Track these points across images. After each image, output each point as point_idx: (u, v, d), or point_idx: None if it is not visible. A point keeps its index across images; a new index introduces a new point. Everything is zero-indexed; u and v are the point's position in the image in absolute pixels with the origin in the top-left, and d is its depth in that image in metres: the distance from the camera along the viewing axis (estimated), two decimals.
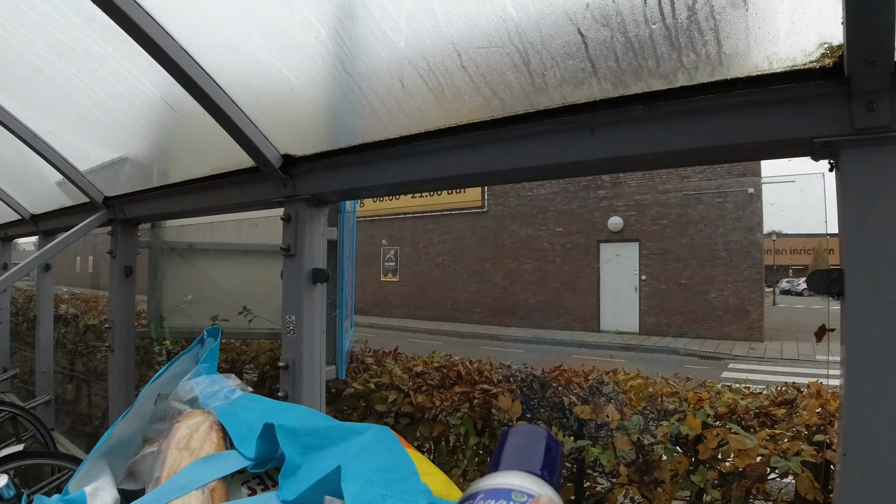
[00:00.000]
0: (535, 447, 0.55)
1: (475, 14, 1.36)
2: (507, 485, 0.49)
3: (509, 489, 0.48)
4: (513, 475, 0.51)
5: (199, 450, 1.12)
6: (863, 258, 1.14)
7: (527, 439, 0.56)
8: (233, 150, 2.09)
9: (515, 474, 0.51)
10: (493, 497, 0.47)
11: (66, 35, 2.07)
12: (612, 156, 1.41)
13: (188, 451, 1.11)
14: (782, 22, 1.16)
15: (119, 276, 3.24)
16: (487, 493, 0.48)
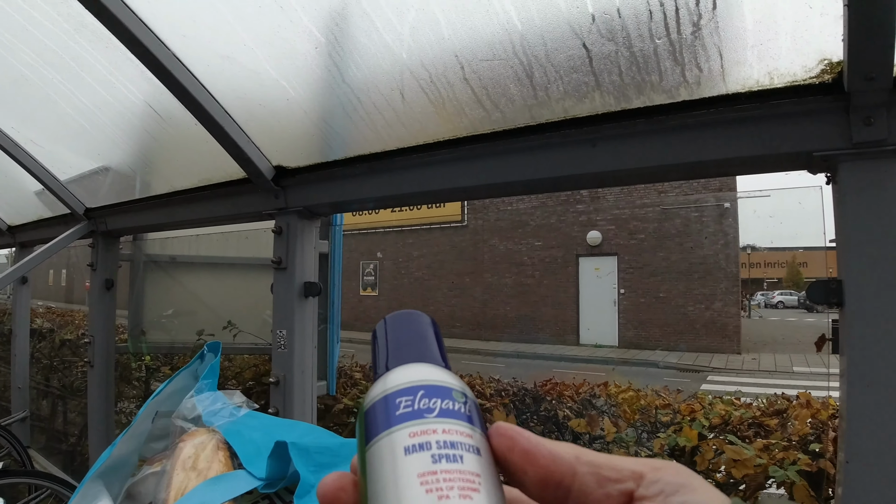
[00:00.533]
0: (429, 334, 0.49)
1: (480, 26, 1.36)
2: (442, 381, 0.43)
3: (448, 387, 0.43)
4: (431, 369, 0.45)
5: (206, 470, 1.09)
6: (861, 269, 1.15)
7: (417, 325, 0.50)
8: (223, 160, 2.06)
9: (432, 368, 0.45)
10: (435, 395, 0.41)
11: (53, 41, 2.04)
12: (613, 169, 1.42)
13: (195, 472, 1.08)
14: (784, 39, 1.18)
15: (99, 289, 3.18)
16: (427, 389, 0.42)
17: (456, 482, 0.36)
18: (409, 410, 0.40)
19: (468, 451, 0.38)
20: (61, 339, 6.03)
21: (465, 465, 0.37)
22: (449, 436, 0.39)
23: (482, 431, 0.42)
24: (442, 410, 0.40)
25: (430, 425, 0.39)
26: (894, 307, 1.12)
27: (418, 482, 0.36)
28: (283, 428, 1.24)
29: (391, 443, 0.39)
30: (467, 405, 0.42)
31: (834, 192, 1.24)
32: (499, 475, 0.39)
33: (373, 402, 0.43)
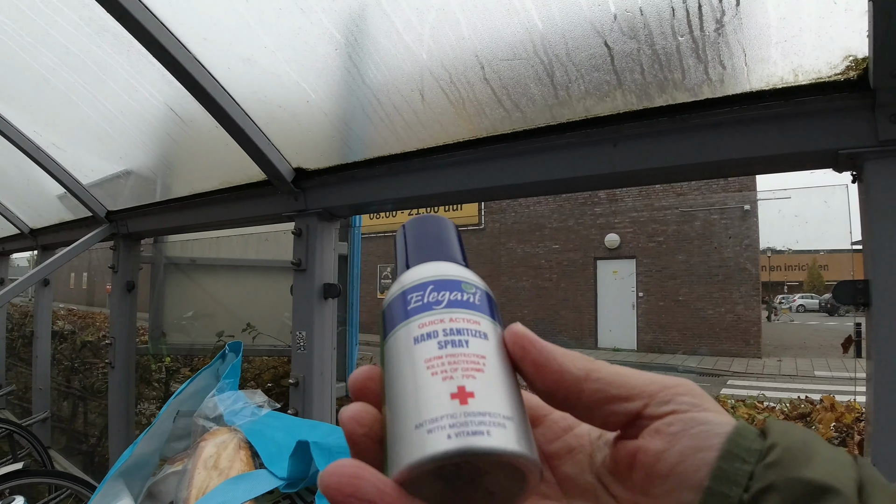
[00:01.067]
0: (447, 236, 0.52)
1: (501, 26, 1.36)
2: (452, 275, 0.45)
3: (458, 280, 0.44)
4: (444, 265, 0.46)
5: (228, 469, 1.09)
6: (888, 268, 1.14)
7: (436, 228, 0.52)
8: (242, 163, 2.07)
9: (445, 264, 0.47)
10: (444, 288, 0.43)
11: (75, 45, 2.06)
12: (635, 168, 1.41)
13: (217, 471, 1.08)
14: (808, 35, 1.17)
15: (121, 291, 3.21)
16: (437, 283, 0.43)
17: (460, 364, 0.38)
18: (419, 304, 0.42)
19: (474, 336, 0.40)
20: (82, 341, 6.10)
21: (469, 349, 0.39)
22: (455, 324, 0.41)
23: (493, 319, 0.44)
24: (450, 301, 0.42)
25: (438, 315, 0.41)
26: None
27: (425, 367, 0.38)
28: (305, 428, 1.24)
29: (403, 335, 0.41)
30: (477, 295, 0.44)
31: (860, 190, 1.22)
32: (509, 358, 0.41)
33: (389, 300, 0.45)
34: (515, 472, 0.35)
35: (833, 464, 0.33)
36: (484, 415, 0.35)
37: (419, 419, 0.35)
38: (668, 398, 0.37)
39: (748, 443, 0.35)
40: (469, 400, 0.35)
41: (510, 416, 0.36)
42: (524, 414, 0.38)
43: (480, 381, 0.37)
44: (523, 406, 0.39)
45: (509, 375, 0.39)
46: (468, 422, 0.34)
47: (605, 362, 0.41)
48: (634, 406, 0.38)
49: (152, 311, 3.84)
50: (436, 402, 0.36)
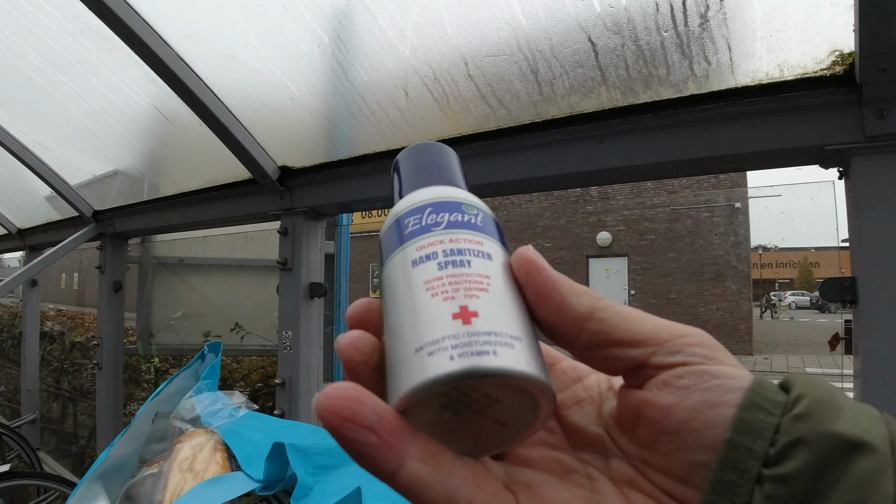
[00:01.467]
0: (447, 161, 0.49)
1: (484, 23, 1.35)
2: (451, 197, 0.42)
3: (458, 201, 0.42)
4: (443, 188, 0.44)
5: (203, 472, 1.07)
6: (876, 265, 1.13)
7: (435, 154, 0.49)
8: (228, 161, 2.06)
9: (444, 187, 0.44)
10: (443, 210, 0.41)
11: (59, 44, 2.04)
12: (620, 165, 1.40)
13: (192, 473, 1.06)
14: (794, 30, 1.16)
15: (108, 291, 3.19)
16: (435, 205, 0.41)
17: (462, 284, 0.36)
18: (417, 227, 0.40)
19: (477, 256, 0.38)
20: (71, 342, 6.06)
21: (472, 269, 0.37)
22: (456, 244, 0.38)
23: (498, 241, 0.41)
24: (450, 223, 0.40)
25: (437, 237, 0.39)
26: None
27: (424, 288, 0.36)
28: (286, 429, 1.22)
29: (401, 259, 0.39)
30: (479, 217, 0.42)
31: (847, 186, 1.22)
32: (516, 282, 0.38)
33: (385, 228, 0.43)
34: (526, 397, 0.33)
35: (863, 418, 0.31)
36: (490, 334, 0.33)
37: (419, 342, 0.33)
38: (678, 348, 0.35)
39: (771, 394, 0.32)
40: (473, 320, 0.33)
41: (518, 336, 0.34)
42: (534, 336, 0.36)
43: (485, 301, 0.35)
44: (533, 330, 0.37)
45: (517, 298, 0.37)
46: (472, 342, 0.32)
47: (615, 302, 0.37)
48: (639, 353, 0.35)
49: (140, 312, 3.81)
50: (437, 323, 0.34)
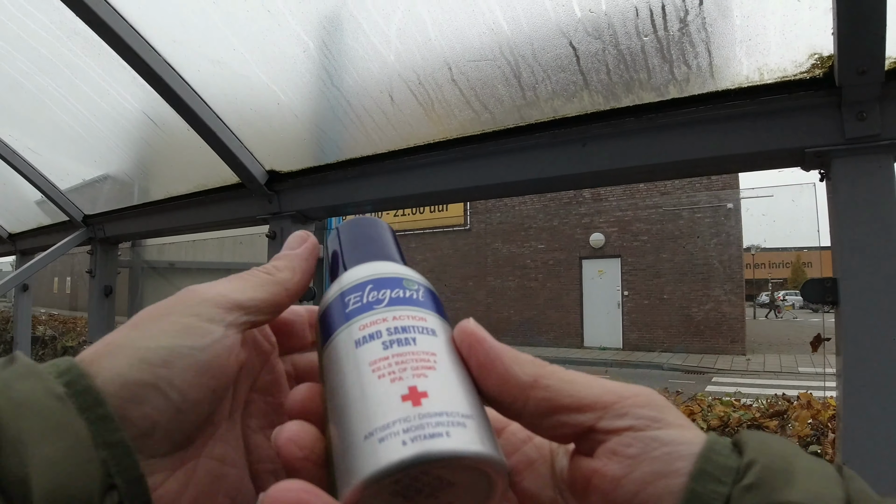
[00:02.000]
0: (384, 236, 0.49)
1: (466, 28, 1.36)
2: (392, 273, 0.42)
3: (398, 277, 0.41)
4: (382, 264, 0.44)
5: None
6: (856, 266, 1.14)
7: (372, 229, 0.49)
8: (216, 166, 2.06)
9: (384, 263, 0.44)
10: (385, 286, 0.40)
11: (47, 49, 2.04)
12: (603, 168, 1.41)
13: None
14: (773, 33, 1.17)
15: (99, 295, 3.18)
16: (376, 282, 0.41)
17: (409, 363, 0.35)
18: (358, 305, 0.39)
19: (422, 332, 0.37)
20: (63, 346, 6.05)
21: (418, 347, 0.36)
22: (400, 321, 0.38)
23: (440, 315, 0.41)
24: (392, 299, 0.40)
25: (380, 314, 0.38)
26: (891, 305, 1.10)
27: (370, 370, 0.35)
28: None
29: (343, 338, 0.38)
30: (420, 292, 0.41)
31: (828, 188, 1.23)
32: (461, 355, 0.38)
33: (326, 304, 0.42)
34: (481, 476, 0.32)
35: (817, 480, 0.31)
36: (441, 414, 0.32)
37: (369, 428, 0.32)
38: (625, 410, 0.33)
39: (723, 459, 0.31)
40: (423, 400, 0.32)
41: (469, 414, 0.33)
42: (484, 412, 0.35)
43: (433, 379, 0.34)
44: (482, 404, 0.36)
45: (464, 372, 0.36)
46: (424, 424, 0.31)
47: (560, 367, 0.37)
48: (586, 418, 0.34)
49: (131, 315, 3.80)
50: (386, 406, 0.33)
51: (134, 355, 0.36)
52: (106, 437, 0.33)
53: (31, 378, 0.33)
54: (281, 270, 0.46)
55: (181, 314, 0.40)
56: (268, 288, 0.44)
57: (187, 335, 0.38)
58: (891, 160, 1.13)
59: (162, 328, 0.38)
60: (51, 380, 0.34)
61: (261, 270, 0.46)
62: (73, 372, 0.34)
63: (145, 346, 0.37)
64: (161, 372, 0.36)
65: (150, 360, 0.36)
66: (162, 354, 0.37)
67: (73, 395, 0.33)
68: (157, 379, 0.36)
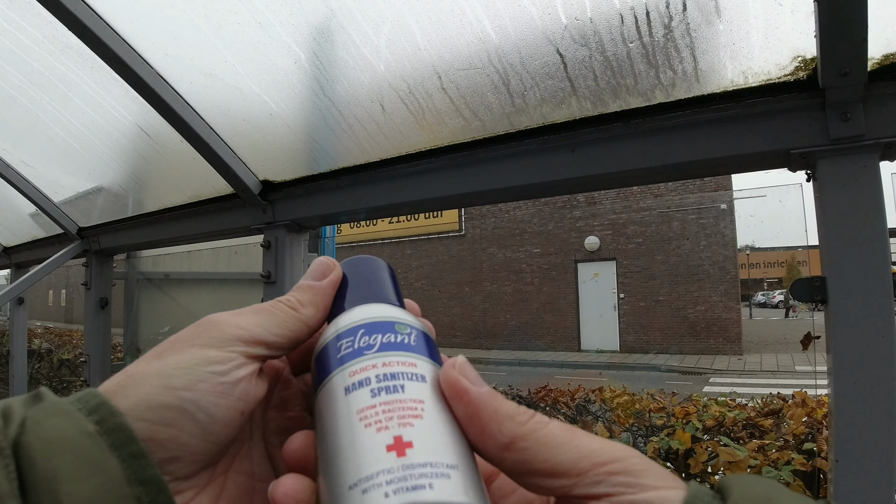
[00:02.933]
0: (381, 276, 0.49)
1: (455, 37, 1.37)
2: (384, 317, 0.42)
3: (390, 321, 0.41)
4: (376, 307, 0.44)
5: None
6: (844, 265, 1.15)
7: (370, 269, 0.49)
8: (210, 177, 2.07)
9: (378, 306, 0.44)
10: (376, 331, 0.40)
11: (40, 63, 2.05)
12: (592, 173, 1.42)
13: None
14: (756, 37, 1.19)
15: (94, 308, 3.18)
16: (368, 326, 0.41)
17: (396, 411, 0.35)
18: (349, 350, 0.40)
19: (410, 379, 0.37)
20: (59, 359, 6.03)
21: (406, 394, 0.36)
22: (389, 368, 0.38)
23: (432, 359, 0.40)
24: (382, 345, 0.40)
25: (370, 361, 0.38)
26: (879, 303, 1.12)
27: (357, 418, 0.35)
28: None
29: (334, 385, 0.38)
30: (412, 336, 0.41)
31: (814, 188, 1.24)
32: None
33: (320, 347, 0.42)
34: None
35: None
36: (425, 465, 0.32)
37: (353, 478, 0.32)
38: (600, 478, 0.33)
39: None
40: (407, 451, 0.32)
41: (454, 464, 0.33)
42: (472, 460, 0.35)
43: (419, 429, 0.34)
44: (471, 452, 0.36)
45: (453, 420, 0.36)
46: (407, 476, 0.31)
47: (542, 422, 0.36)
48: (560, 484, 0.34)
49: (127, 328, 3.80)
50: (370, 456, 0.33)
51: (158, 382, 0.37)
52: (139, 474, 0.33)
53: (61, 416, 0.34)
54: (305, 306, 0.46)
55: (202, 345, 0.40)
56: (290, 325, 0.44)
57: (210, 363, 0.39)
58: (875, 160, 1.15)
59: (184, 357, 0.39)
60: (81, 417, 0.34)
61: (285, 304, 0.46)
62: (104, 410, 0.35)
63: (168, 374, 0.38)
64: (186, 395, 0.37)
65: (174, 385, 0.37)
66: (186, 379, 0.38)
67: (105, 432, 0.34)
68: (183, 401, 0.37)
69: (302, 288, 0.48)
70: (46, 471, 0.31)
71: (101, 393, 0.36)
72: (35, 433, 0.33)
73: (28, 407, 0.35)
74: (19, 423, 0.33)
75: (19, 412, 0.34)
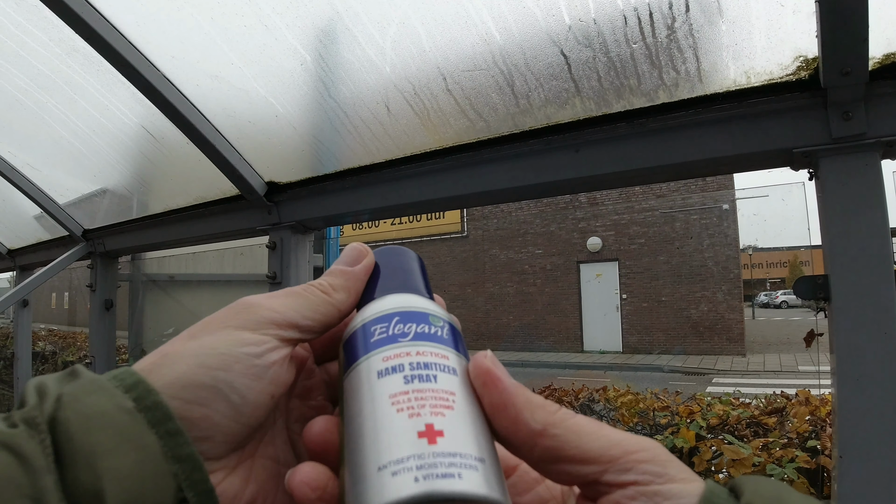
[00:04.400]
0: (413, 267, 0.50)
1: (459, 38, 1.38)
2: (419, 307, 0.43)
3: (425, 312, 0.42)
4: (410, 297, 0.45)
5: None
6: (847, 263, 1.16)
7: (403, 260, 0.50)
8: (216, 178, 2.08)
9: (411, 296, 0.45)
10: (411, 320, 0.41)
11: (46, 66, 2.06)
12: (597, 173, 1.43)
13: None
14: (758, 38, 1.20)
15: (99, 310, 3.19)
16: (403, 315, 0.41)
17: (428, 400, 0.35)
18: (383, 336, 0.40)
19: (443, 370, 0.38)
20: (64, 361, 6.05)
21: (438, 385, 0.37)
22: (423, 357, 0.38)
23: (461, 353, 0.41)
24: (417, 334, 0.40)
25: (404, 348, 0.39)
26: (882, 300, 1.12)
27: (389, 402, 0.35)
28: None
29: (366, 368, 0.38)
30: (445, 329, 0.42)
31: (817, 187, 1.25)
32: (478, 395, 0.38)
33: (351, 332, 0.43)
34: None
35: None
36: (454, 455, 0.33)
37: (383, 460, 0.33)
38: (629, 465, 0.34)
39: (722, 503, 0.33)
40: (438, 439, 0.33)
41: (482, 457, 0.34)
42: (496, 455, 0.36)
43: (450, 419, 0.35)
44: (495, 447, 0.37)
45: (480, 413, 0.37)
46: (437, 463, 0.32)
47: (570, 414, 0.37)
48: (591, 470, 0.35)
49: (132, 329, 3.82)
50: (402, 440, 0.33)
51: (193, 361, 0.38)
52: (176, 452, 0.34)
53: (99, 392, 0.35)
54: (337, 291, 0.46)
55: (236, 326, 0.41)
56: (322, 309, 0.45)
57: (244, 344, 0.40)
58: (877, 158, 1.15)
59: (219, 338, 0.40)
60: (119, 394, 0.35)
61: (317, 288, 0.46)
62: (141, 387, 0.35)
63: (204, 353, 0.38)
64: (221, 375, 0.38)
65: (209, 364, 0.38)
66: (220, 360, 0.38)
67: (143, 409, 0.34)
68: (217, 381, 0.38)
69: (334, 272, 0.48)
70: (85, 445, 0.32)
71: (136, 371, 0.37)
72: (73, 408, 0.33)
73: (64, 384, 0.35)
74: (55, 398, 0.34)
75: (55, 389, 0.35)
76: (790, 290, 34.20)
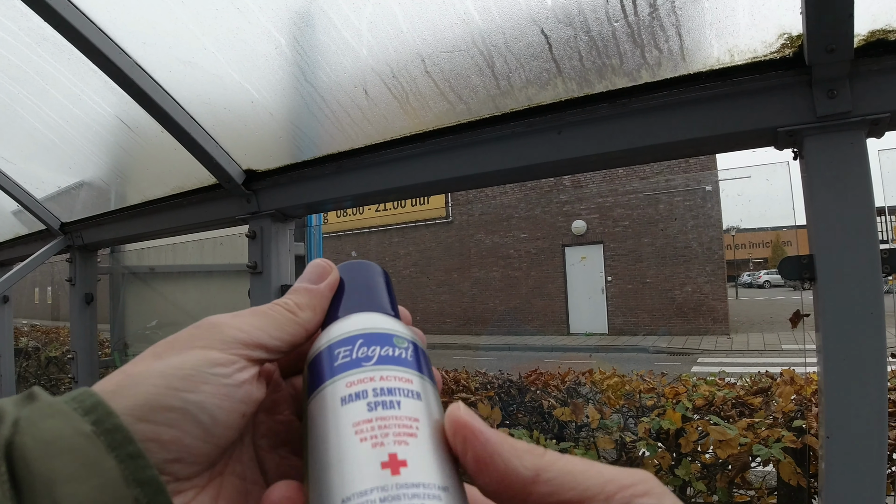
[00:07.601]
0: (378, 283, 0.49)
1: (438, 19, 1.35)
2: (382, 329, 0.42)
3: (389, 333, 0.42)
4: (374, 317, 0.44)
5: None
6: (832, 242, 1.15)
7: (366, 275, 0.49)
8: (193, 167, 2.04)
9: (376, 315, 0.44)
10: (375, 342, 0.40)
11: (16, 56, 2.01)
12: (579, 155, 1.41)
13: None
14: (742, 15, 1.18)
15: (80, 304, 3.14)
16: (366, 337, 0.41)
17: (391, 428, 0.35)
18: (347, 360, 0.39)
19: (407, 396, 0.37)
20: (47, 357, 5.98)
21: (402, 411, 0.36)
22: (386, 382, 0.38)
23: (424, 375, 0.41)
24: (381, 357, 0.40)
25: (368, 373, 0.38)
26: (867, 280, 1.12)
27: (353, 431, 0.35)
28: None
29: (330, 393, 0.38)
30: (409, 350, 0.41)
31: (801, 167, 1.24)
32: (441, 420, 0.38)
33: (315, 353, 0.42)
34: None
35: None
36: (417, 486, 0.32)
37: (346, 492, 0.32)
38: (627, 500, 0.33)
39: None
40: (401, 469, 0.33)
41: (445, 485, 0.33)
42: (460, 483, 0.35)
43: (413, 448, 0.34)
44: (458, 473, 0.36)
45: (443, 441, 0.36)
46: (400, 495, 0.31)
47: (554, 454, 0.36)
48: None
49: (114, 323, 3.77)
50: (365, 472, 0.33)
51: (160, 382, 0.37)
52: (137, 475, 0.33)
53: (57, 416, 0.33)
54: (303, 310, 0.46)
55: (203, 346, 0.40)
56: (289, 328, 0.44)
57: (213, 364, 0.39)
58: (862, 136, 1.14)
59: (185, 358, 0.39)
60: (77, 417, 0.33)
61: (283, 307, 0.46)
62: (101, 410, 0.34)
63: (171, 374, 0.37)
64: (190, 397, 0.37)
65: (177, 386, 0.37)
66: (188, 381, 0.37)
67: (102, 433, 0.33)
68: (186, 403, 0.37)
69: (299, 291, 0.48)
70: (43, 472, 0.31)
71: (96, 392, 0.36)
72: (30, 434, 0.32)
73: (21, 407, 0.34)
74: (12, 423, 0.33)
75: (12, 412, 0.33)
76: (773, 270, 34.61)
